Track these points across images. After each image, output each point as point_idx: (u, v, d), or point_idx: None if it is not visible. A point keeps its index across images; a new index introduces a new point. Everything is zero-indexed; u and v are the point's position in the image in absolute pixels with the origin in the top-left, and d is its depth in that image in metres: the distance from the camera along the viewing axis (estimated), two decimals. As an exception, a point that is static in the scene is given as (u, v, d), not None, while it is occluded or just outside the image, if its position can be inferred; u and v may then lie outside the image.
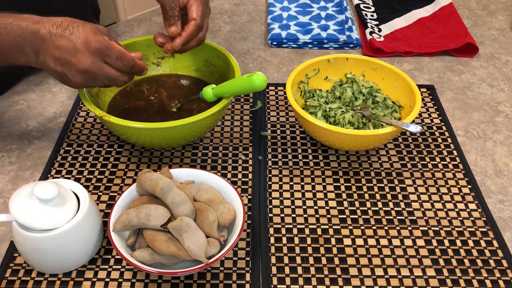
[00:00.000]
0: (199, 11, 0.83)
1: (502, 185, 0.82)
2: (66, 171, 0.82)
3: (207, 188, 0.70)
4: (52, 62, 0.71)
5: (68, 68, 0.71)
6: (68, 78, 0.72)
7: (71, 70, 0.71)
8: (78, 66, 0.71)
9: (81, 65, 0.70)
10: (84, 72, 0.71)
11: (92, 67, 0.71)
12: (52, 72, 0.72)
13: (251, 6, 1.29)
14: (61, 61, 0.71)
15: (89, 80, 0.73)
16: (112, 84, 0.76)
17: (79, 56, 0.70)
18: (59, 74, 0.72)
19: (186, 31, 0.83)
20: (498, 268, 0.70)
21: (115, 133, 0.81)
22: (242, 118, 0.93)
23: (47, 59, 0.71)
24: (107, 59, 0.72)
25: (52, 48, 0.70)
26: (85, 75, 0.72)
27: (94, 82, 0.74)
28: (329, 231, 0.74)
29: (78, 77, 0.72)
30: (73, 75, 0.72)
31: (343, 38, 1.13)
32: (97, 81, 0.74)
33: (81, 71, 0.71)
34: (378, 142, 0.81)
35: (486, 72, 1.08)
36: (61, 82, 0.74)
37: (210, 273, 0.68)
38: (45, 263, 0.66)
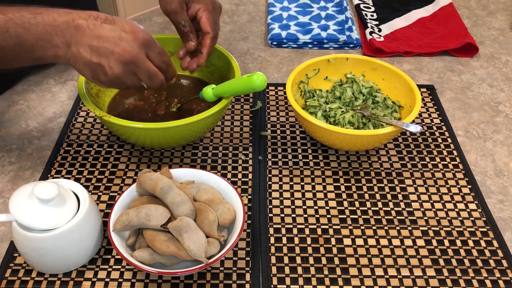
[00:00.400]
0: (210, 21, 0.83)
1: (502, 185, 0.82)
2: (66, 171, 0.82)
3: (207, 188, 0.70)
4: (87, 52, 0.67)
5: (107, 59, 0.68)
6: (104, 70, 0.68)
7: (110, 61, 0.68)
8: (122, 55, 0.67)
9: (126, 54, 0.68)
10: (127, 62, 0.68)
11: (137, 57, 0.69)
12: (84, 64, 0.68)
13: (251, 6, 1.29)
14: (100, 51, 0.67)
15: (128, 74, 0.70)
16: (149, 83, 0.73)
17: (124, 45, 0.68)
18: (94, 65, 0.68)
19: (206, 47, 0.84)
20: (498, 268, 0.70)
21: (115, 133, 0.81)
22: (242, 118, 0.93)
23: (81, 50, 0.67)
24: (150, 53, 0.71)
25: (90, 38, 0.67)
26: (126, 67, 0.69)
27: (131, 77, 0.71)
28: (329, 231, 0.74)
29: (118, 68, 0.68)
30: (111, 66, 0.68)
31: (343, 38, 1.13)
32: (135, 76, 0.71)
33: (124, 61, 0.68)
34: (378, 142, 0.81)
35: (486, 72, 1.08)
36: (91, 78, 0.70)
37: (210, 273, 0.68)
38: (45, 263, 0.66)
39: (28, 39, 0.66)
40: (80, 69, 0.70)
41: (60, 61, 0.69)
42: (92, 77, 0.70)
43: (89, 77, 0.70)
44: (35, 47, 0.67)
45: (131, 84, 0.72)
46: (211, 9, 0.84)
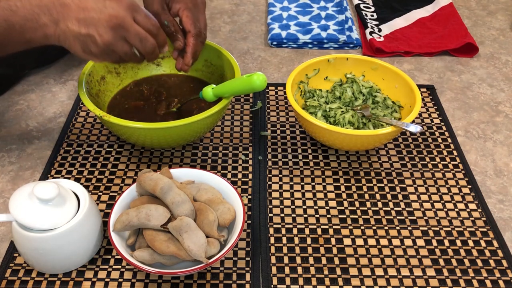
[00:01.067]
0: (191, 20, 0.82)
1: (502, 185, 0.82)
2: (66, 171, 0.82)
3: (207, 188, 0.70)
4: (75, 25, 0.68)
5: (95, 27, 0.68)
6: (94, 40, 0.68)
7: (98, 28, 0.68)
8: (109, 20, 0.67)
9: (113, 18, 0.68)
10: (115, 27, 0.68)
11: (124, 20, 0.69)
12: (74, 37, 0.68)
13: (251, 6, 1.29)
14: (87, 21, 0.67)
15: (118, 40, 0.69)
16: (141, 47, 0.72)
17: (109, 11, 0.68)
18: (83, 37, 0.68)
19: (189, 46, 0.83)
20: (498, 268, 0.70)
21: (115, 133, 0.81)
22: (242, 118, 0.93)
23: (69, 24, 0.67)
24: (137, 16, 0.71)
25: (77, 11, 0.68)
26: (115, 32, 0.68)
27: (121, 44, 0.70)
28: (329, 231, 0.74)
29: (107, 35, 0.68)
30: (101, 33, 0.68)
31: (343, 38, 1.13)
32: (126, 42, 0.70)
33: (112, 26, 0.68)
34: (378, 142, 0.81)
35: (486, 72, 1.08)
36: (82, 51, 0.70)
37: (210, 273, 0.68)
38: (45, 263, 0.66)
39: (16, 22, 0.67)
40: (70, 45, 0.70)
41: (51, 40, 0.69)
42: (83, 50, 0.70)
43: (81, 51, 0.70)
44: (25, 29, 0.67)
45: (123, 52, 0.71)
46: (191, 6, 0.83)
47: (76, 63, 1.07)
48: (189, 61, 0.83)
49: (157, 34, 0.74)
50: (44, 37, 0.69)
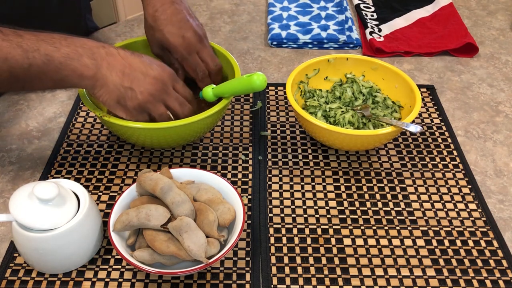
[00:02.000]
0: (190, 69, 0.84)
1: (502, 185, 0.82)
2: (66, 171, 0.82)
3: (207, 188, 0.70)
4: (119, 76, 0.69)
5: (139, 84, 0.70)
6: (134, 95, 0.70)
7: (141, 86, 0.70)
8: (153, 83, 0.71)
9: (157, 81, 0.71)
10: (158, 89, 0.72)
11: (167, 85, 0.73)
12: (114, 86, 0.70)
13: (251, 6, 1.29)
14: (132, 76, 0.70)
15: (156, 102, 0.72)
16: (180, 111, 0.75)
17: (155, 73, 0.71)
18: (124, 89, 0.70)
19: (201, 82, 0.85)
20: (498, 268, 0.70)
21: (115, 133, 0.81)
22: (242, 118, 0.93)
23: (113, 73, 0.69)
24: (176, 85, 0.75)
25: (122, 64, 0.70)
26: (156, 94, 0.72)
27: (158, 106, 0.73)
28: (329, 231, 0.74)
29: (147, 94, 0.71)
30: (142, 91, 0.70)
31: (343, 38, 1.13)
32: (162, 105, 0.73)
33: (155, 88, 0.71)
34: (378, 142, 0.81)
35: (486, 72, 1.08)
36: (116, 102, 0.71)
37: (210, 273, 0.68)
38: (45, 263, 0.66)
39: (57, 57, 0.67)
40: (107, 92, 0.70)
41: (85, 83, 0.70)
42: (118, 101, 0.71)
43: (114, 101, 0.71)
44: (64, 66, 0.67)
45: (157, 114, 0.74)
46: (185, 55, 0.83)
47: (76, 63, 1.07)
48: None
49: (191, 101, 0.78)
50: (80, 77, 0.69)
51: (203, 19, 1.23)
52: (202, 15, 1.25)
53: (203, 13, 1.26)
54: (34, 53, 0.65)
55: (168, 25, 0.82)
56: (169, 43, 0.83)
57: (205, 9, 1.28)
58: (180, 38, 0.82)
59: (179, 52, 0.83)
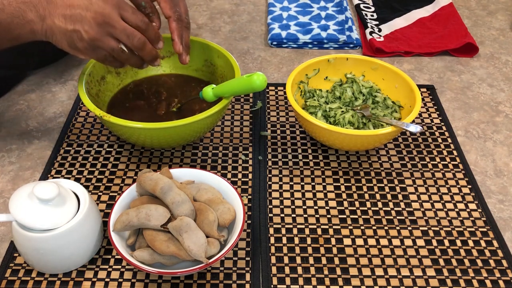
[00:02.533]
0: (168, 5, 0.80)
1: (502, 185, 0.82)
2: (66, 171, 0.82)
3: (207, 188, 0.70)
4: (62, 21, 0.69)
5: (81, 23, 0.69)
6: (80, 35, 0.69)
7: (84, 25, 0.69)
8: (95, 17, 0.68)
9: (98, 15, 0.68)
10: (101, 23, 0.69)
11: (110, 16, 0.69)
12: (60, 33, 0.69)
13: (251, 6, 1.29)
14: (73, 17, 0.69)
15: (104, 36, 0.70)
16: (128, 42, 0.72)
17: (95, 7, 0.69)
18: (69, 32, 0.69)
19: (173, 31, 0.80)
20: (498, 268, 0.70)
21: (115, 133, 0.81)
22: (242, 118, 0.93)
23: (55, 20, 0.69)
24: (124, 13, 0.71)
25: (63, 8, 0.69)
26: (102, 28, 0.69)
27: (108, 40, 0.70)
28: (329, 231, 0.74)
29: (93, 31, 0.69)
30: (86, 29, 0.69)
31: (343, 38, 1.13)
32: (112, 39, 0.71)
33: (98, 22, 0.69)
34: (378, 142, 0.81)
35: (486, 72, 1.08)
36: (69, 47, 0.71)
37: (210, 273, 0.68)
38: (45, 263, 0.66)
39: (3, 19, 0.68)
40: (57, 40, 0.71)
41: (38, 36, 0.71)
42: (69, 45, 0.71)
43: (67, 47, 0.71)
44: (12, 26, 0.69)
45: (110, 48, 0.72)
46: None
47: (76, 63, 1.07)
48: (179, 48, 0.81)
49: (146, 29, 0.74)
50: (31, 32, 0.70)
51: (203, 19, 1.23)
52: (202, 15, 1.25)
53: (203, 13, 1.26)
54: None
55: None
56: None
57: (205, 9, 1.28)
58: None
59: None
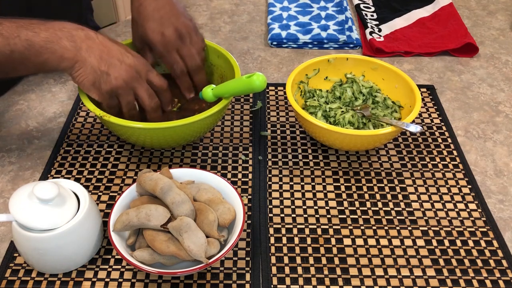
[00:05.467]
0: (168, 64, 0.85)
1: (502, 185, 0.82)
2: (66, 171, 0.82)
3: (207, 188, 0.70)
4: (97, 60, 0.71)
5: (114, 69, 0.72)
6: (109, 79, 0.72)
7: (116, 71, 0.72)
8: (128, 69, 0.73)
9: (132, 69, 0.73)
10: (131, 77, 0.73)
11: (140, 74, 0.74)
12: (92, 69, 0.71)
13: (251, 6, 1.29)
14: (109, 61, 0.72)
15: (128, 89, 0.74)
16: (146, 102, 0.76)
17: (130, 61, 0.73)
18: (100, 72, 0.72)
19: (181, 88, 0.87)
20: (498, 268, 0.70)
21: (115, 133, 0.81)
22: (242, 118, 0.93)
23: (91, 56, 0.71)
24: (150, 75, 0.77)
25: (100, 48, 0.72)
26: (129, 80, 0.73)
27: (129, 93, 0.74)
28: (329, 231, 0.74)
29: (121, 80, 0.73)
30: (116, 76, 0.72)
31: (343, 38, 1.13)
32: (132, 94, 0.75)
33: (129, 75, 0.73)
34: (378, 142, 0.81)
35: (486, 72, 1.08)
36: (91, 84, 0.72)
37: (210, 273, 0.68)
38: (45, 263, 0.66)
39: (37, 42, 0.69)
40: (84, 73, 0.72)
41: (65, 64, 0.71)
42: (93, 83, 0.73)
43: (90, 83, 0.73)
44: (43, 50, 0.69)
45: (126, 101, 0.76)
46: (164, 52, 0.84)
47: (76, 63, 1.07)
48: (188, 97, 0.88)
49: (164, 93, 0.80)
50: (60, 59, 0.70)
51: (203, 19, 1.23)
52: (202, 15, 1.25)
53: (203, 13, 1.26)
54: (15, 40, 0.68)
55: (150, 20, 0.82)
56: (148, 39, 0.83)
57: (205, 9, 1.28)
58: (159, 35, 0.82)
59: (158, 49, 0.83)
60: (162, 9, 0.83)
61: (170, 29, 0.82)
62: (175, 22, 0.83)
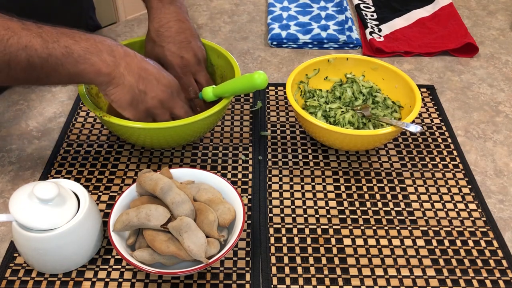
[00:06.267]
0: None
1: (502, 185, 0.82)
2: (66, 171, 0.82)
3: (207, 188, 0.70)
4: (135, 78, 0.70)
5: (152, 89, 0.72)
6: (146, 99, 0.72)
7: (154, 91, 0.72)
8: (165, 90, 0.73)
9: (168, 89, 0.74)
10: (168, 96, 0.74)
11: (176, 94, 0.75)
12: (129, 87, 0.70)
13: (251, 6, 1.29)
14: (147, 81, 0.71)
15: (164, 108, 0.74)
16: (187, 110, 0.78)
17: (166, 81, 0.74)
18: (138, 91, 0.71)
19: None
20: (498, 268, 0.70)
21: (115, 133, 0.81)
22: (242, 118, 0.93)
23: (130, 73, 0.70)
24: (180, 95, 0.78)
25: (138, 66, 0.71)
26: (166, 100, 0.74)
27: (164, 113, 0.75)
28: (329, 231, 0.74)
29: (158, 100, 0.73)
30: (153, 96, 0.72)
31: (343, 38, 1.13)
32: (167, 113, 0.76)
33: (166, 95, 0.73)
34: (378, 142, 0.81)
35: (486, 72, 1.08)
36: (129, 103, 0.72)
37: (210, 273, 0.68)
38: (45, 263, 0.66)
39: (76, 50, 0.66)
40: (121, 91, 0.70)
41: (101, 78, 0.69)
42: (130, 103, 0.71)
43: (127, 102, 0.71)
44: (82, 59, 0.67)
45: (161, 120, 0.76)
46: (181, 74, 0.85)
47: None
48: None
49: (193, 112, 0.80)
50: (97, 72, 0.68)
51: (203, 19, 1.23)
52: (202, 15, 1.25)
53: (203, 13, 1.26)
54: (54, 44, 0.65)
55: (170, 43, 0.84)
56: (166, 60, 0.84)
57: (205, 9, 1.28)
58: (178, 58, 0.84)
59: (175, 71, 0.84)
60: (183, 33, 0.85)
61: (189, 53, 0.84)
62: (194, 47, 0.85)
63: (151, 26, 0.86)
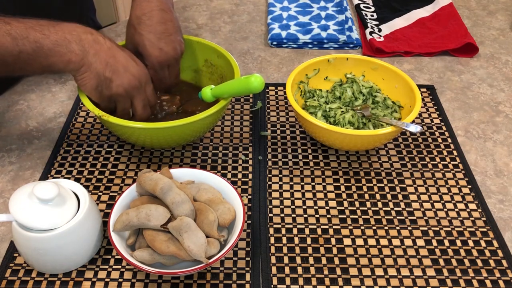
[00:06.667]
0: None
1: (502, 185, 0.82)
2: (66, 171, 0.82)
3: (207, 188, 0.70)
4: (102, 65, 0.72)
5: (118, 76, 0.73)
6: (111, 85, 0.74)
7: (119, 79, 0.73)
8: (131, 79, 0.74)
9: (135, 79, 0.75)
10: (133, 86, 0.75)
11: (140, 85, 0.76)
12: (96, 74, 0.72)
13: (251, 6, 1.29)
14: (114, 68, 0.73)
15: (126, 97, 0.75)
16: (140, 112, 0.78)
17: (133, 71, 0.75)
18: (104, 78, 0.73)
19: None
20: (498, 268, 0.70)
21: (115, 133, 0.81)
22: (242, 118, 0.93)
23: (98, 61, 0.72)
24: (147, 87, 0.78)
25: (107, 54, 0.72)
26: (130, 90, 0.75)
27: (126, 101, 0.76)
28: (329, 231, 0.74)
29: (123, 88, 0.74)
30: (119, 84, 0.73)
31: (343, 38, 1.13)
32: (129, 102, 0.77)
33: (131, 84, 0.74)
34: (378, 142, 0.81)
35: (486, 72, 1.08)
36: (94, 88, 0.74)
37: (210, 273, 0.68)
38: (45, 263, 0.66)
39: (46, 44, 0.69)
40: (88, 77, 0.73)
41: (70, 67, 0.72)
42: (96, 87, 0.74)
43: (92, 87, 0.74)
44: (52, 52, 0.70)
45: (122, 108, 0.77)
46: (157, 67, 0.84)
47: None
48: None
49: (154, 107, 0.82)
50: (67, 62, 0.71)
51: (203, 19, 1.23)
52: (202, 15, 1.25)
53: (203, 13, 1.26)
54: (23, 41, 0.68)
55: (151, 32, 0.82)
56: (145, 49, 0.82)
57: (205, 9, 1.28)
58: (157, 50, 0.82)
59: (152, 62, 0.83)
60: (164, 24, 0.83)
61: (169, 46, 0.83)
62: (175, 40, 0.84)
63: (133, 12, 0.84)
